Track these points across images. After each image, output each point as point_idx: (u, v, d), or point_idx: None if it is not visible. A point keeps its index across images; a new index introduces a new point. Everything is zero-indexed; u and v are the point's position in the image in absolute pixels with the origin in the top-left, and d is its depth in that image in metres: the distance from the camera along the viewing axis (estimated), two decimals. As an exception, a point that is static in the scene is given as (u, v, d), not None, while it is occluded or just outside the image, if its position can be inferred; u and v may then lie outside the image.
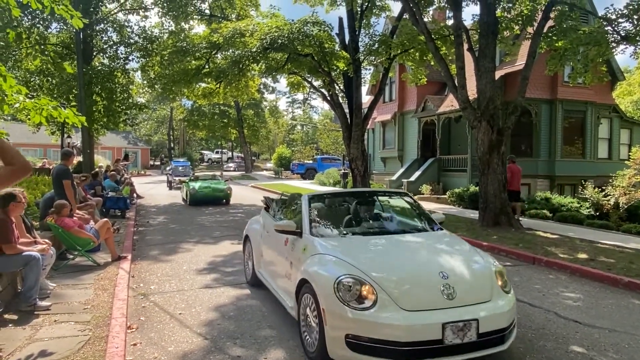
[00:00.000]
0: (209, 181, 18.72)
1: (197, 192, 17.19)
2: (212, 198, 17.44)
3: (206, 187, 17.59)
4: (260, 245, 6.06)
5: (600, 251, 8.76)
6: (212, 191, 17.48)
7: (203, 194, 17.29)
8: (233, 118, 49.74)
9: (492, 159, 11.56)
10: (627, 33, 12.01)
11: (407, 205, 5.78)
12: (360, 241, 4.69)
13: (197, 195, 17.18)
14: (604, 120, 22.00)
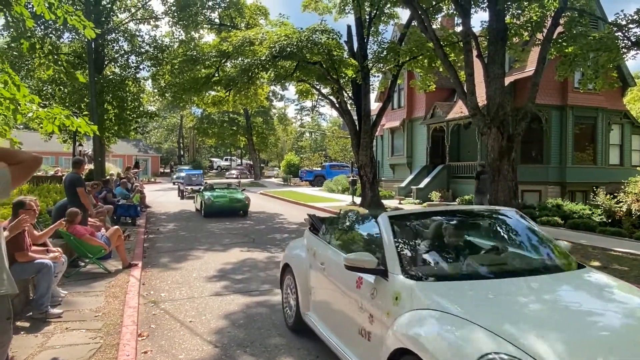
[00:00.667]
0: (225, 190, 17.50)
1: (213, 203, 15.76)
2: (228, 209, 15.94)
3: (222, 196, 16.24)
4: (309, 279, 4.59)
5: (613, 258, 8.65)
6: (229, 201, 16.04)
7: (219, 205, 15.86)
8: (242, 126, 50.06)
9: (503, 165, 11.51)
10: (637, 38, 11.97)
11: (524, 228, 4.12)
12: (487, 288, 3.03)
13: (213, 206, 15.74)
14: (615, 127, 21.81)
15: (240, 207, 16.25)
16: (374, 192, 18.21)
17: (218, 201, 15.90)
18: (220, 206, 15.81)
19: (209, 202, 15.68)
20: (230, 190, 17.61)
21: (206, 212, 15.78)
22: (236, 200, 16.13)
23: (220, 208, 15.78)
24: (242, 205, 16.22)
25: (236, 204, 16.11)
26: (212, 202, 15.70)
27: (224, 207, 15.83)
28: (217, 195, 16.35)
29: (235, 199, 16.19)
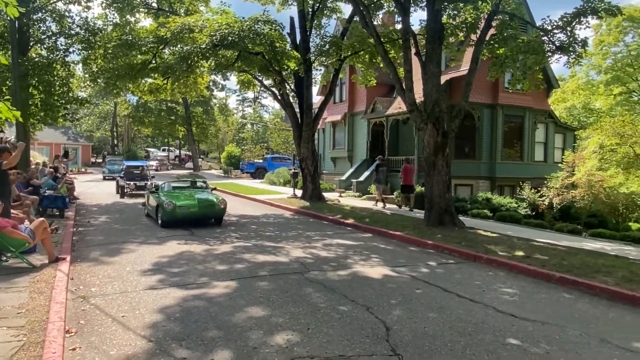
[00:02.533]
0: (191, 191, 13.22)
1: (177, 209, 11.56)
2: (199, 217, 11.97)
3: (189, 200, 12.06)
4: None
5: (536, 249, 9.29)
6: (198, 207, 11.91)
7: (186, 213, 11.75)
8: (181, 115, 48.53)
9: (438, 160, 11.97)
10: (561, 43, 12.79)
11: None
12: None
13: (177, 214, 11.60)
14: (540, 125, 23.31)
15: (213, 214, 12.23)
16: (315, 185, 18.34)
17: (184, 207, 11.73)
18: (188, 214, 11.76)
19: (169, 208, 11.50)
20: (197, 190, 13.47)
21: (166, 221, 11.61)
22: (208, 205, 12.08)
23: (186, 216, 11.75)
24: (217, 211, 12.14)
25: (208, 210, 12.10)
26: (174, 209, 11.51)
27: (193, 216, 11.82)
28: (181, 198, 12.13)
29: (206, 203, 12.08)
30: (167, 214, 11.58)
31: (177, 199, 11.89)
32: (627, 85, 39.02)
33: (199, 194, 12.79)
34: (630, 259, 8.67)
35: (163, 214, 11.66)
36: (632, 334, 4.97)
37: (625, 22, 37.14)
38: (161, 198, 12.05)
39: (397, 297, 6.10)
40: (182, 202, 11.84)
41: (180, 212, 11.65)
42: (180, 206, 11.70)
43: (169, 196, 12.13)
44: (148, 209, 13.48)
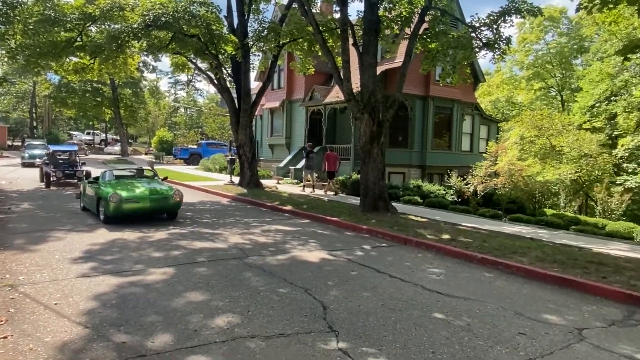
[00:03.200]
0: (138, 181, 11.61)
1: (123, 204, 9.93)
2: (150, 211, 10.42)
3: (138, 192, 10.40)
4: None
5: (460, 232, 9.96)
6: (150, 201, 10.31)
7: (135, 207, 10.15)
8: (108, 97, 46.01)
9: (373, 149, 12.39)
10: (488, 40, 13.60)
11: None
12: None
13: (123, 209, 9.98)
14: (467, 117, 24.63)
15: (167, 208, 10.68)
16: (253, 172, 18.29)
17: (132, 199, 10.10)
18: (137, 209, 10.18)
19: (114, 202, 9.81)
20: (144, 180, 11.85)
21: (110, 217, 10.00)
22: (161, 197, 10.48)
23: (135, 211, 10.19)
24: (171, 204, 10.60)
25: (162, 204, 10.48)
26: (120, 202, 9.86)
27: (143, 210, 10.26)
28: (128, 189, 10.44)
29: (159, 196, 10.49)
30: (111, 208, 9.79)
31: (123, 191, 10.11)
32: (546, 81, 42.12)
33: (148, 184, 11.02)
34: (543, 241, 9.55)
35: (107, 209, 9.88)
36: (542, 307, 5.56)
37: (546, 21, 39.96)
38: (103, 189, 10.28)
39: (333, 278, 6.36)
40: (130, 195, 10.11)
41: (128, 207, 9.95)
42: (128, 199, 9.96)
43: (112, 187, 10.28)
44: (85, 202, 11.63)
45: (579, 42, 39.03)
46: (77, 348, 4.00)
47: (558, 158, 22.11)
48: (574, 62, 41.64)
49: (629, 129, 27.16)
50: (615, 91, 28.60)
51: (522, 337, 4.56)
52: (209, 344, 4.14)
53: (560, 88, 41.39)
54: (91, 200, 11.07)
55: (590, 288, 6.27)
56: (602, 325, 5.02)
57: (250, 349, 4.06)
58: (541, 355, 4.15)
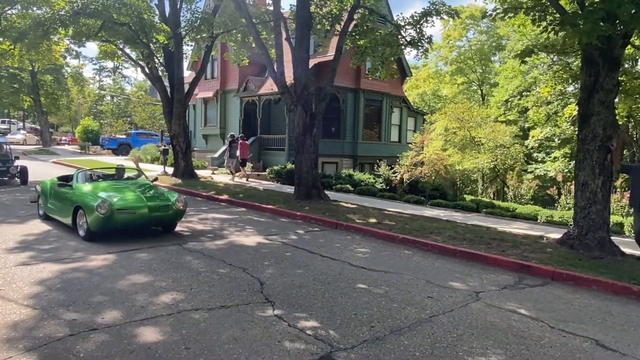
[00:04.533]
0: (124, 184, 9.13)
1: (115, 214, 7.64)
2: (148, 223, 8.32)
3: (133, 200, 8.07)
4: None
5: (386, 216, 10.88)
6: (149, 210, 7.99)
7: (130, 218, 7.86)
8: (26, 83, 43.12)
9: (306, 139, 13.02)
10: (412, 39, 14.61)
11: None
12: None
13: (116, 220, 7.70)
14: (395, 110, 25.97)
15: (169, 219, 8.48)
16: (188, 162, 18.32)
17: (126, 210, 7.81)
18: (133, 220, 7.91)
19: (105, 213, 7.50)
20: (131, 183, 9.26)
21: (97, 231, 7.68)
22: (161, 206, 8.16)
23: (130, 223, 7.94)
24: (173, 214, 8.36)
25: (163, 214, 8.21)
26: (112, 214, 7.58)
27: (140, 222, 8.05)
28: (119, 195, 8.17)
29: (159, 204, 8.17)
30: (99, 221, 7.46)
31: (113, 198, 7.87)
32: (468, 76, 44.82)
33: (140, 188, 8.62)
34: (457, 222, 10.68)
35: (93, 222, 7.51)
36: (450, 277, 6.47)
37: (468, 19, 42.46)
38: (83, 195, 8.06)
39: (269, 259, 6.93)
40: (124, 203, 7.83)
41: (121, 218, 7.67)
42: (121, 209, 7.68)
43: (95, 193, 8.09)
44: (48, 209, 9.20)
45: (497, 40, 41.92)
46: (29, 326, 4.28)
47: (477, 148, 24.01)
48: (493, 58, 44.67)
49: (538, 121, 29.86)
50: (527, 87, 31.27)
51: (429, 299, 5.40)
52: (157, 317, 4.57)
53: (480, 83, 44.31)
54: (61, 209, 8.63)
55: (491, 260, 7.31)
56: (496, 289, 6.00)
57: (194, 319, 4.54)
58: (443, 312, 4.99)
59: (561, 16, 7.46)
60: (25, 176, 15.30)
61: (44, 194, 9.53)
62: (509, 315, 5.01)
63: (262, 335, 4.21)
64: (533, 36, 26.34)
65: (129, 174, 10.42)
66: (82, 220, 7.91)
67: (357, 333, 4.33)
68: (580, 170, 7.92)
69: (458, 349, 4.10)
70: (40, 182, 10.12)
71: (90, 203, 7.68)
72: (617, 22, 7.13)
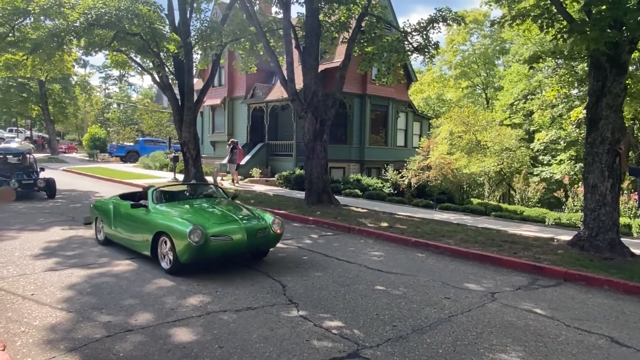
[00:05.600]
0: (212, 204, 7.65)
1: (210, 243, 6.27)
2: (245, 251, 6.80)
3: (229, 225, 6.62)
4: None
5: (397, 220, 11.05)
6: (248, 236, 6.53)
7: (227, 246, 6.47)
8: (35, 92, 43.65)
9: (316, 145, 13.23)
10: (418, 45, 14.84)
11: None
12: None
13: (211, 249, 6.33)
14: (401, 114, 26.17)
15: (267, 245, 7.13)
16: (198, 169, 18.54)
17: (222, 237, 6.40)
18: (229, 249, 6.51)
19: (199, 242, 6.11)
20: (216, 202, 7.88)
21: (189, 263, 6.33)
22: (258, 229, 6.73)
23: (226, 253, 6.57)
24: (272, 238, 6.99)
25: (262, 241, 6.84)
26: (206, 243, 6.22)
27: (238, 251, 6.65)
28: (211, 219, 6.74)
29: (257, 228, 6.73)
30: (192, 250, 6.09)
31: (205, 222, 6.42)
32: (472, 79, 45.00)
33: (229, 209, 7.25)
34: (467, 225, 10.84)
35: (183, 251, 6.16)
36: (465, 278, 6.64)
37: (472, 24, 42.71)
38: (168, 219, 6.65)
39: (288, 263, 7.13)
40: (219, 229, 6.41)
41: (216, 247, 6.30)
42: (217, 235, 6.29)
43: (182, 216, 6.70)
44: (112, 234, 7.85)
45: (500, 44, 42.09)
46: (66, 328, 4.49)
47: (483, 152, 24.14)
48: (497, 62, 44.85)
49: (543, 124, 29.97)
50: (532, 90, 31.41)
51: (447, 300, 5.57)
52: (187, 318, 4.77)
53: (485, 87, 44.47)
54: (133, 235, 7.26)
55: (503, 262, 7.47)
56: (510, 290, 6.16)
57: (224, 320, 4.74)
58: (462, 312, 5.16)
59: (569, 23, 7.65)
60: (52, 189, 14.15)
61: (105, 215, 8.06)
62: (525, 314, 5.18)
63: (291, 334, 4.40)
64: (537, 40, 26.55)
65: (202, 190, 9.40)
66: (166, 249, 6.47)
67: (381, 332, 4.51)
68: (589, 173, 8.08)
69: (479, 346, 4.27)
70: (97, 201, 8.97)
71: (180, 229, 6.21)
72: (623, 28, 7.32)
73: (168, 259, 6.52)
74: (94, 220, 8.59)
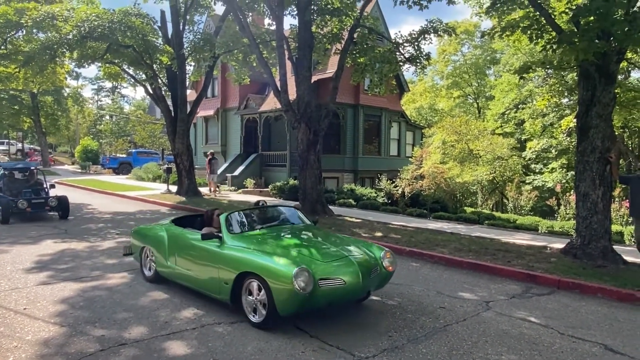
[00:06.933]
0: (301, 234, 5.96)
1: (318, 289, 4.64)
2: (357, 297, 5.27)
3: (339, 264, 4.95)
4: None
5: (391, 230, 11.07)
6: (362, 279, 4.86)
7: (339, 292, 4.80)
8: (27, 105, 43.51)
9: (310, 156, 13.27)
10: (410, 55, 14.99)
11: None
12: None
13: (319, 298, 4.70)
14: (394, 124, 26.33)
15: (379, 285, 5.52)
16: (191, 180, 18.52)
17: (333, 280, 4.77)
18: (343, 296, 4.94)
19: (306, 287, 4.51)
20: (303, 230, 6.24)
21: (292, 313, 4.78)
22: (372, 266, 5.19)
23: (338, 300, 4.99)
24: (384, 277, 5.44)
25: (374, 281, 5.24)
26: (315, 288, 4.62)
27: (353, 297, 5.15)
28: (316, 255, 5.09)
29: (369, 262, 5.20)
30: (298, 299, 4.57)
31: (308, 260, 4.92)
32: (463, 89, 45.41)
33: (328, 241, 5.69)
34: (461, 234, 10.88)
35: (284, 300, 4.62)
36: (459, 287, 6.65)
37: (463, 34, 43.21)
38: (257, 255, 5.06)
39: (282, 274, 7.09)
40: (327, 269, 4.87)
41: (325, 294, 4.74)
42: (326, 278, 4.75)
43: (277, 251, 5.16)
44: (167, 271, 6.21)
45: (491, 54, 42.58)
46: (60, 343, 4.44)
47: (475, 161, 24.29)
48: (488, 72, 45.33)
49: (535, 133, 30.25)
50: (522, 99, 31.74)
51: (442, 309, 5.58)
52: (182, 331, 4.74)
53: (476, 96, 44.88)
54: (202, 275, 5.59)
55: (497, 271, 7.51)
56: (505, 298, 6.18)
57: (219, 332, 4.72)
58: (457, 321, 5.17)
59: (558, 34, 7.78)
60: (66, 209, 12.62)
61: (156, 246, 6.44)
62: (520, 323, 5.20)
63: (286, 346, 4.39)
64: (527, 50, 26.88)
65: None
66: (256, 296, 4.90)
67: (377, 342, 4.50)
68: (580, 181, 8.17)
69: (474, 355, 4.28)
70: (141, 227, 7.22)
71: (280, 269, 4.64)
72: (611, 39, 7.45)
73: (258, 309, 4.88)
74: (139, 251, 6.85)
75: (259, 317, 4.90)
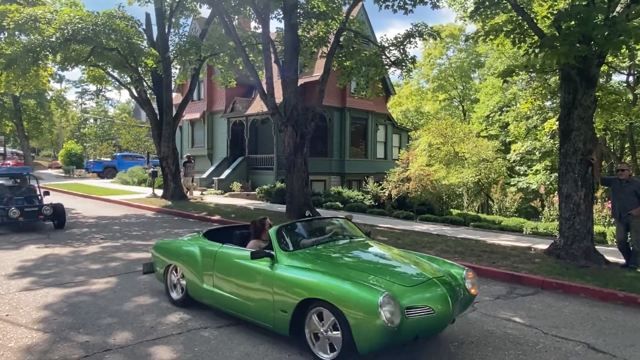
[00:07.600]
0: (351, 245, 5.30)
1: (405, 320, 3.75)
2: (443, 327, 4.27)
3: (426, 288, 4.13)
4: None
5: (378, 232, 11.12)
6: (452, 302, 4.10)
7: (425, 322, 3.92)
8: (8, 108, 42.80)
9: (297, 159, 13.27)
10: (396, 59, 15.11)
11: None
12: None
13: (407, 329, 3.80)
14: (381, 127, 26.48)
15: (463, 309, 4.59)
16: (177, 184, 18.37)
17: (422, 308, 3.91)
18: (433, 325, 4.06)
19: (394, 319, 3.65)
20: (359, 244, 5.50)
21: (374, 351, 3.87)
22: (458, 291, 4.36)
23: (426, 332, 4.08)
24: (467, 301, 4.59)
25: (461, 306, 4.42)
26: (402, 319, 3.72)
27: (441, 326, 4.18)
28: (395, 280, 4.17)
29: (455, 286, 4.37)
30: (383, 333, 3.70)
31: (390, 285, 4.07)
32: (449, 92, 45.85)
33: (402, 261, 4.85)
34: (447, 236, 10.97)
35: (369, 335, 3.75)
36: (444, 288, 6.70)
37: (448, 38, 43.65)
38: (327, 278, 4.15)
39: (269, 277, 7.07)
40: (413, 296, 4.02)
41: (413, 326, 3.88)
42: (413, 307, 3.90)
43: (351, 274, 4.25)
44: (202, 294, 5.31)
45: (476, 57, 43.08)
46: (43, 349, 4.38)
47: (461, 163, 24.53)
48: (473, 75, 45.85)
49: (519, 135, 30.65)
50: (507, 102, 32.17)
51: (428, 311, 5.61)
52: (167, 336, 4.70)
53: (462, 99, 45.34)
54: (247, 299, 4.76)
55: (483, 272, 7.57)
56: (490, 299, 6.25)
57: (205, 337, 4.69)
58: (442, 323, 5.20)
59: (540, 38, 7.91)
60: (61, 217, 11.77)
61: (187, 263, 5.56)
62: (505, 323, 5.26)
63: (272, 350, 4.38)
64: (511, 54, 27.26)
65: None
66: (325, 327, 4.06)
67: (363, 345, 4.51)
68: (563, 183, 8.30)
69: (460, 357, 4.31)
70: (164, 242, 6.37)
71: (359, 296, 3.83)
72: (592, 43, 7.60)
73: (330, 344, 4.04)
74: (165, 270, 5.90)
75: (329, 354, 4.01)
